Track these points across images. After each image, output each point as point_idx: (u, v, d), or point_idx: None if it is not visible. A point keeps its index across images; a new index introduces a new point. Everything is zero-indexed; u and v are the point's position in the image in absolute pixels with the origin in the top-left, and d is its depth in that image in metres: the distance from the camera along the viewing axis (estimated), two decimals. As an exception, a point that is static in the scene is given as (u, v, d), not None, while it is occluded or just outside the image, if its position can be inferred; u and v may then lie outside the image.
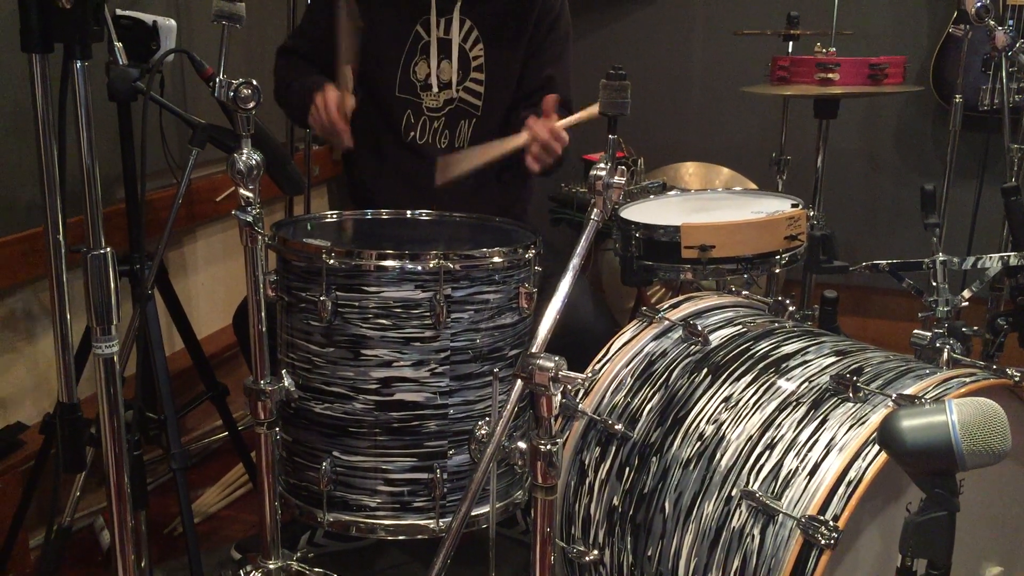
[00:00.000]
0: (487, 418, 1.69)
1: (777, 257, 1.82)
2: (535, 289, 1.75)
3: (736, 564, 1.41)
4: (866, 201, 3.65)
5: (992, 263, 1.92)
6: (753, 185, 3.14)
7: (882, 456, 1.33)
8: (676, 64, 3.79)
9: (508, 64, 2.16)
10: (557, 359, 1.19)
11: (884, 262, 1.95)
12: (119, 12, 1.87)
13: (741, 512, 1.43)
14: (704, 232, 1.76)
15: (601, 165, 1.36)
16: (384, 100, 2.17)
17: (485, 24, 2.13)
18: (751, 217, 1.85)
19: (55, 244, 1.16)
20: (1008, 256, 1.94)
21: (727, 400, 1.56)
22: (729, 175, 3.32)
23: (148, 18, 1.88)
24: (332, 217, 2.03)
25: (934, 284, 1.85)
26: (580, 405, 1.67)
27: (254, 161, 1.51)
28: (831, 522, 1.31)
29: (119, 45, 1.72)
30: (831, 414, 1.46)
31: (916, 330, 1.81)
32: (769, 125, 3.11)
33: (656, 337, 1.74)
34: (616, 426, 1.62)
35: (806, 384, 1.53)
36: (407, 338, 1.65)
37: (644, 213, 1.94)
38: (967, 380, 1.47)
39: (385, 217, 2.02)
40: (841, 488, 1.34)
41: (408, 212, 2.01)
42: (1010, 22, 3.03)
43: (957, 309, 1.84)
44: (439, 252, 1.62)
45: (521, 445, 1.26)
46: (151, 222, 2.29)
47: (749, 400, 1.54)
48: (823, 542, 1.31)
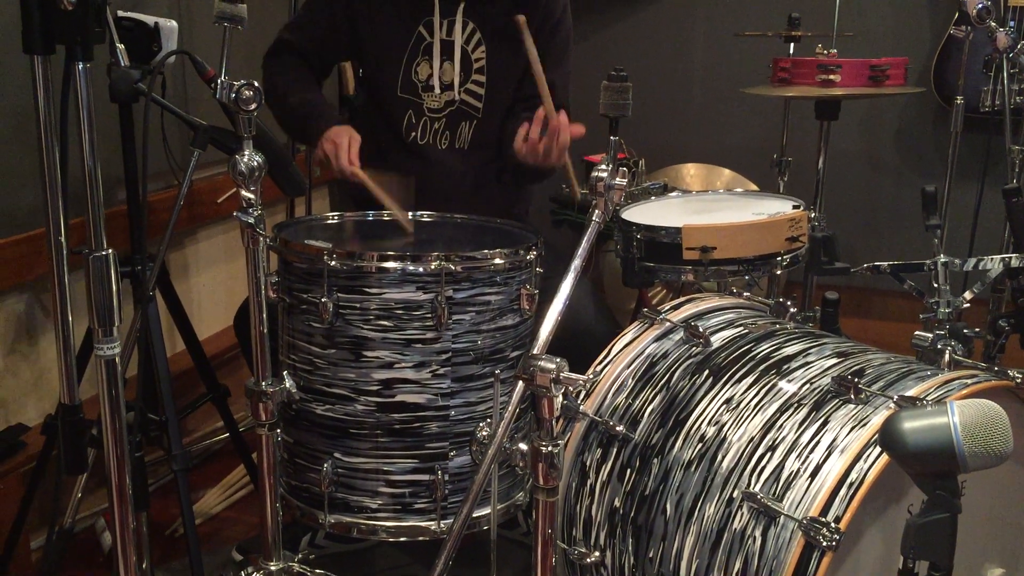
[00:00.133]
0: (488, 419, 1.69)
1: (778, 258, 1.82)
2: (536, 290, 1.75)
3: (737, 566, 1.41)
4: (867, 202, 3.65)
5: (993, 264, 1.92)
6: (754, 186, 3.14)
7: (884, 458, 1.33)
8: (677, 66, 3.79)
9: (510, 66, 2.16)
10: (558, 361, 1.19)
11: (885, 263, 1.95)
12: (121, 13, 1.87)
13: (742, 514, 1.43)
14: (705, 233, 1.76)
15: (602, 166, 1.36)
16: (385, 100, 2.17)
17: (488, 26, 2.13)
18: (752, 218, 1.85)
19: (57, 245, 1.16)
20: (1009, 257, 1.94)
21: (728, 402, 1.56)
22: (730, 176, 3.32)
23: (150, 19, 1.88)
24: (333, 219, 2.03)
25: (935, 285, 1.85)
26: (581, 407, 1.67)
27: (256, 162, 1.51)
28: (833, 524, 1.31)
29: (121, 46, 1.72)
30: (832, 416, 1.46)
31: (917, 331, 1.81)
32: (770, 126, 3.11)
33: (657, 339, 1.74)
34: (617, 428, 1.62)
35: (807, 386, 1.53)
36: (408, 339, 1.65)
37: (645, 214, 1.94)
38: (969, 382, 1.47)
39: (386, 219, 2.02)
40: (843, 490, 1.34)
41: (409, 214, 2.01)
42: (1011, 23, 3.03)
43: (958, 311, 1.84)
44: (440, 254, 1.62)
45: (522, 446, 1.26)
46: (152, 223, 2.29)
47: (750, 402, 1.54)
48: (825, 544, 1.30)
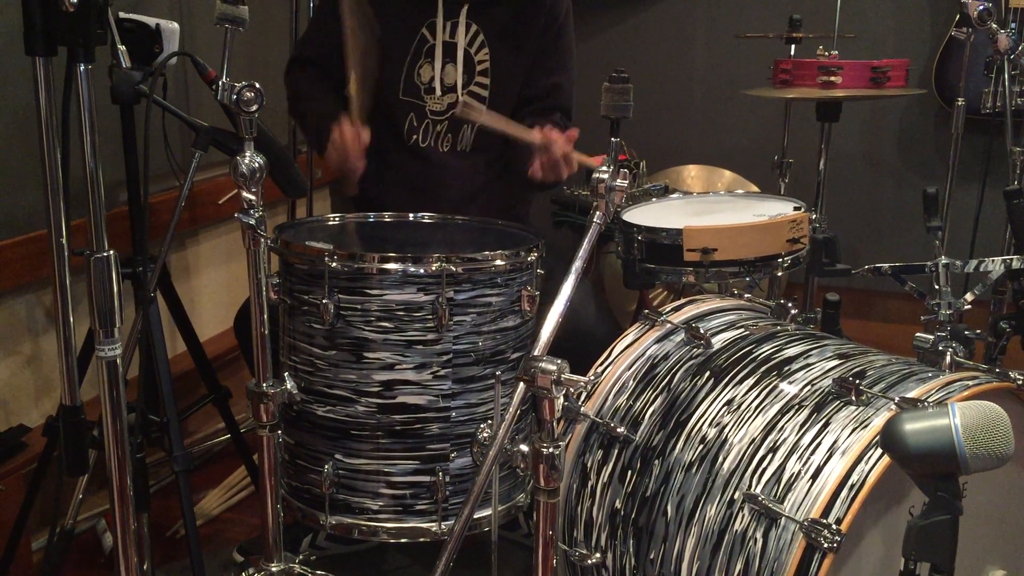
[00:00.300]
0: (489, 421, 1.69)
1: (779, 260, 1.82)
2: (537, 292, 1.75)
3: (738, 567, 1.41)
4: (868, 204, 3.64)
5: (995, 266, 1.92)
6: (755, 188, 3.14)
7: (885, 459, 1.33)
8: (678, 67, 3.79)
9: (513, 69, 2.16)
10: (559, 362, 1.19)
11: (886, 265, 1.94)
12: (122, 15, 1.87)
13: (743, 515, 1.42)
14: (706, 235, 1.76)
15: (603, 168, 1.36)
16: (387, 103, 2.17)
17: (491, 29, 2.13)
18: (753, 220, 1.85)
19: (58, 247, 1.16)
20: (1011, 259, 1.93)
21: (729, 403, 1.56)
22: (731, 178, 3.32)
23: (151, 21, 1.88)
24: (335, 220, 2.03)
25: (936, 287, 1.85)
26: (582, 408, 1.67)
27: (257, 164, 1.51)
28: (834, 525, 1.31)
29: (122, 48, 1.72)
30: (834, 417, 1.46)
31: (918, 333, 1.81)
32: (771, 128, 3.11)
33: (658, 340, 1.74)
34: (618, 429, 1.62)
35: (808, 387, 1.53)
36: (409, 341, 1.65)
37: (646, 216, 1.94)
38: (970, 383, 1.47)
39: (387, 220, 2.02)
40: (844, 491, 1.34)
41: (410, 215, 2.02)
42: (1012, 25, 3.03)
43: (959, 312, 1.84)
44: (441, 255, 1.62)
45: (523, 448, 1.26)
46: (154, 225, 2.29)
47: (751, 403, 1.54)
48: (826, 545, 1.30)
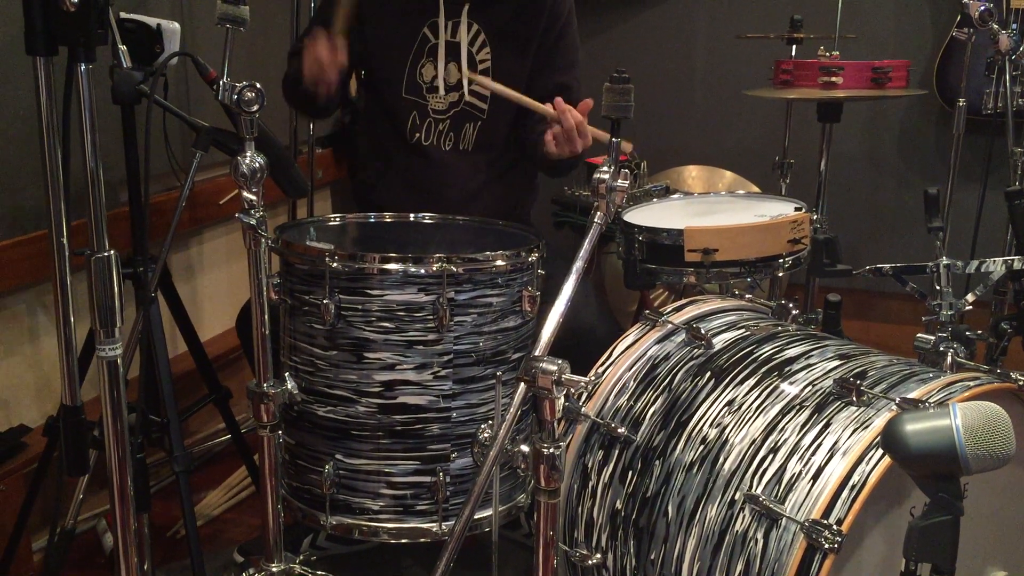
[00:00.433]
0: (490, 421, 1.69)
1: (780, 260, 1.82)
2: (538, 292, 1.75)
3: (739, 568, 1.41)
4: (869, 205, 3.64)
5: (996, 267, 1.92)
6: (756, 188, 3.14)
7: (886, 460, 1.33)
8: (679, 67, 3.79)
9: (515, 68, 2.16)
10: (560, 363, 1.19)
11: (887, 266, 1.94)
12: (123, 15, 1.87)
13: (744, 516, 1.42)
14: (707, 235, 1.76)
15: (604, 168, 1.36)
16: (390, 101, 2.18)
17: (492, 28, 2.13)
18: (754, 220, 1.85)
19: (59, 247, 1.16)
20: (1012, 260, 1.93)
21: (730, 404, 1.56)
22: (732, 178, 3.32)
23: (152, 21, 1.88)
24: (335, 220, 2.03)
25: (937, 288, 1.84)
26: (583, 408, 1.66)
27: (257, 164, 1.51)
28: (835, 526, 1.31)
29: (123, 48, 1.72)
30: (834, 418, 1.45)
31: (919, 334, 1.81)
32: (772, 129, 3.11)
33: (659, 340, 1.74)
34: (619, 429, 1.62)
35: (809, 388, 1.53)
36: (410, 341, 1.65)
37: (647, 216, 1.94)
38: (971, 384, 1.46)
39: (388, 220, 2.02)
40: (845, 492, 1.34)
41: (411, 215, 2.02)
42: (1013, 26, 3.02)
43: (961, 313, 1.84)
44: (442, 255, 1.62)
45: (524, 448, 1.26)
46: (155, 225, 2.29)
47: (752, 404, 1.54)
48: (827, 546, 1.30)
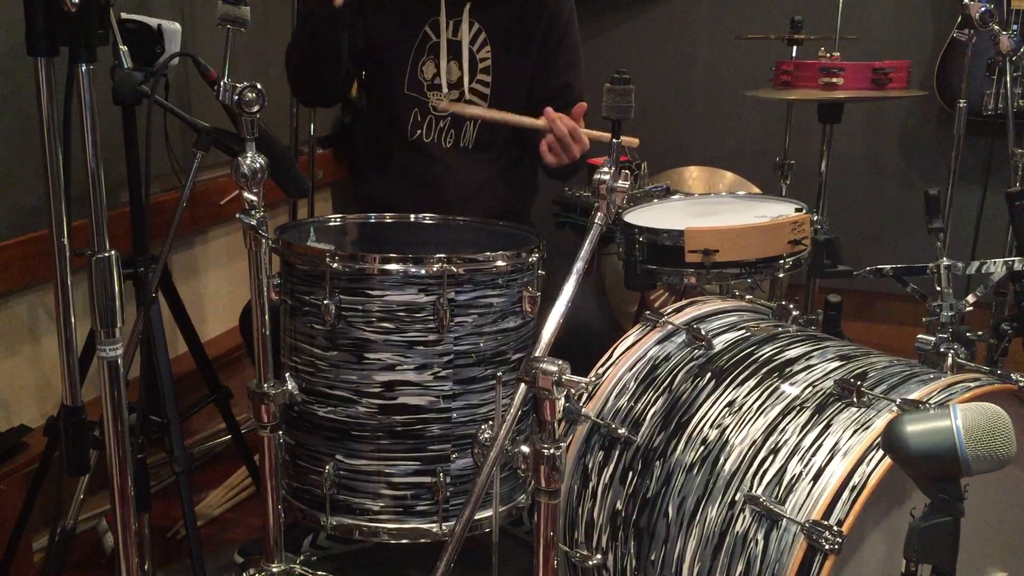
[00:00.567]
0: (490, 422, 1.69)
1: (781, 261, 1.82)
2: (538, 293, 1.75)
3: (740, 569, 1.40)
4: (870, 205, 3.64)
5: (996, 268, 1.92)
6: (757, 189, 3.13)
7: (886, 461, 1.33)
8: (680, 68, 3.79)
9: (515, 67, 2.17)
10: (561, 363, 1.19)
11: (888, 266, 1.94)
12: (124, 16, 1.87)
13: (745, 517, 1.42)
14: (708, 236, 1.76)
15: (605, 169, 1.36)
16: (391, 99, 2.18)
17: (494, 28, 2.14)
18: (755, 221, 1.85)
19: (60, 247, 1.16)
20: (1012, 261, 1.93)
21: (731, 404, 1.56)
22: (733, 179, 3.32)
23: (153, 22, 1.88)
24: (336, 221, 2.03)
25: (938, 289, 1.84)
26: (583, 409, 1.67)
27: (258, 164, 1.51)
28: (835, 527, 1.31)
29: (124, 49, 1.72)
30: (835, 419, 1.45)
31: (920, 335, 1.81)
32: (773, 129, 3.11)
33: (660, 341, 1.74)
34: (619, 430, 1.62)
35: (810, 389, 1.53)
36: (410, 342, 1.65)
37: (648, 217, 1.95)
38: (971, 385, 1.46)
39: (389, 221, 2.02)
40: (845, 493, 1.34)
41: (412, 216, 2.02)
42: (1014, 27, 3.02)
43: (961, 314, 1.84)
44: (442, 256, 1.62)
45: (524, 449, 1.26)
46: (155, 225, 2.29)
47: (753, 404, 1.54)
48: (827, 547, 1.30)
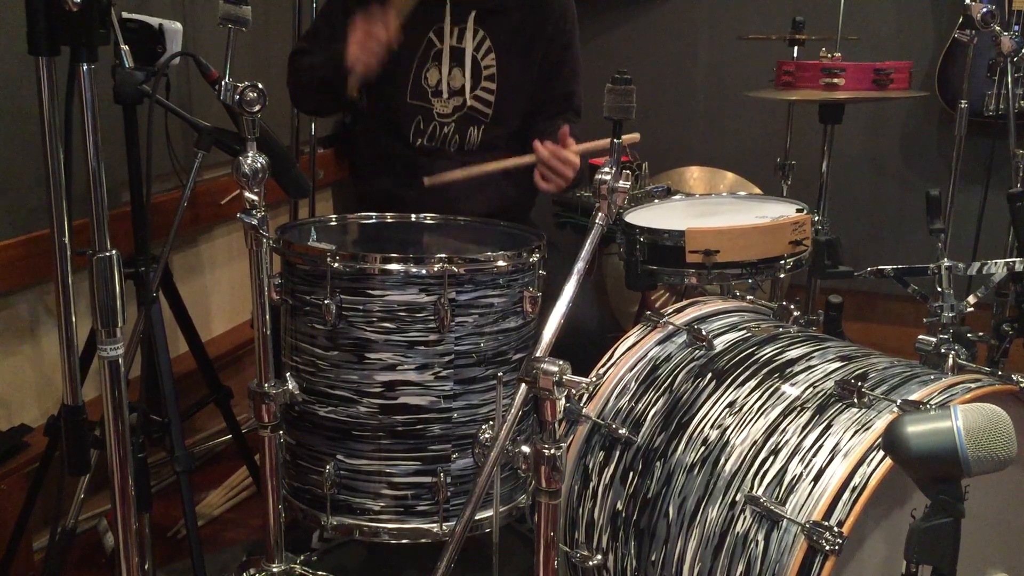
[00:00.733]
0: (491, 422, 1.69)
1: (782, 262, 1.82)
2: (539, 293, 1.75)
3: (740, 569, 1.40)
4: (871, 206, 3.64)
5: (997, 269, 1.92)
6: (758, 190, 3.13)
7: (887, 462, 1.33)
8: (681, 68, 3.79)
9: (519, 74, 2.18)
10: (561, 364, 1.19)
11: (889, 267, 1.94)
12: (125, 15, 1.87)
13: (745, 517, 1.42)
14: (708, 237, 1.76)
15: (606, 169, 1.36)
16: (393, 106, 2.18)
17: (498, 35, 2.14)
18: (756, 222, 1.85)
19: (61, 247, 1.16)
20: (1013, 262, 1.93)
21: (731, 405, 1.56)
22: (734, 180, 3.32)
23: (154, 21, 1.88)
24: (337, 220, 2.03)
25: (939, 289, 1.85)
26: (584, 409, 1.67)
27: (259, 164, 1.51)
28: (835, 528, 1.31)
29: (125, 48, 1.72)
30: (835, 419, 1.45)
31: (921, 335, 1.81)
32: (774, 130, 3.11)
33: (660, 342, 1.74)
34: (620, 430, 1.62)
35: (810, 389, 1.53)
36: (411, 342, 1.65)
37: (648, 217, 1.95)
38: (972, 386, 1.46)
39: (390, 221, 2.02)
40: (846, 494, 1.34)
41: (413, 216, 2.02)
42: (1015, 27, 3.02)
43: (962, 315, 1.84)
44: (443, 256, 1.62)
45: (525, 449, 1.26)
46: (156, 225, 2.30)
47: (753, 405, 1.54)
48: (827, 548, 1.30)
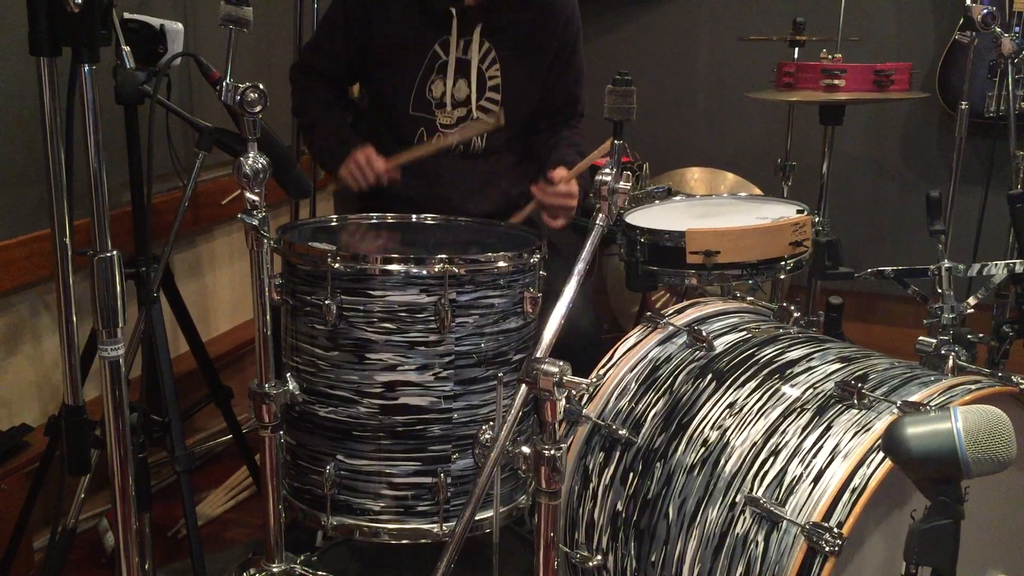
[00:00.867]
0: (491, 422, 1.69)
1: (782, 263, 1.82)
2: (540, 294, 1.75)
3: (740, 570, 1.40)
4: (871, 207, 3.64)
5: (997, 270, 1.92)
6: (758, 191, 3.14)
7: (887, 463, 1.33)
8: (682, 69, 3.79)
9: (524, 84, 2.19)
10: (562, 364, 1.19)
11: (889, 268, 1.94)
12: (127, 16, 1.87)
13: (745, 518, 1.42)
14: (709, 237, 1.76)
15: (606, 170, 1.36)
16: (396, 117, 2.18)
17: (504, 47, 2.14)
18: (756, 223, 1.85)
19: (61, 246, 1.16)
20: (1014, 263, 1.93)
21: (731, 406, 1.56)
22: (734, 180, 3.32)
23: (155, 22, 1.88)
24: (338, 221, 2.03)
25: (939, 291, 1.85)
26: (584, 410, 1.67)
27: (260, 165, 1.52)
28: (835, 529, 1.31)
29: (126, 49, 1.73)
30: (835, 421, 1.45)
31: (921, 337, 1.81)
32: (774, 131, 3.11)
33: (661, 342, 1.74)
34: (620, 431, 1.62)
35: (811, 390, 1.53)
36: (412, 342, 1.65)
37: (649, 218, 1.95)
38: (972, 387, 1.46)
39: (390, 221, 2.02)
40: (845, 495, 1.34)
41: (413, 216, 2.02)
42: (1016, 29, 3.02)
43: (962, 316, 1.84)
44: (444, 256, 1.62)
45: (525, 450, 1.26)
46: (157, 225, 2.30)
47: (753, 406, 1.54)
48: (827, 549, 1.30)
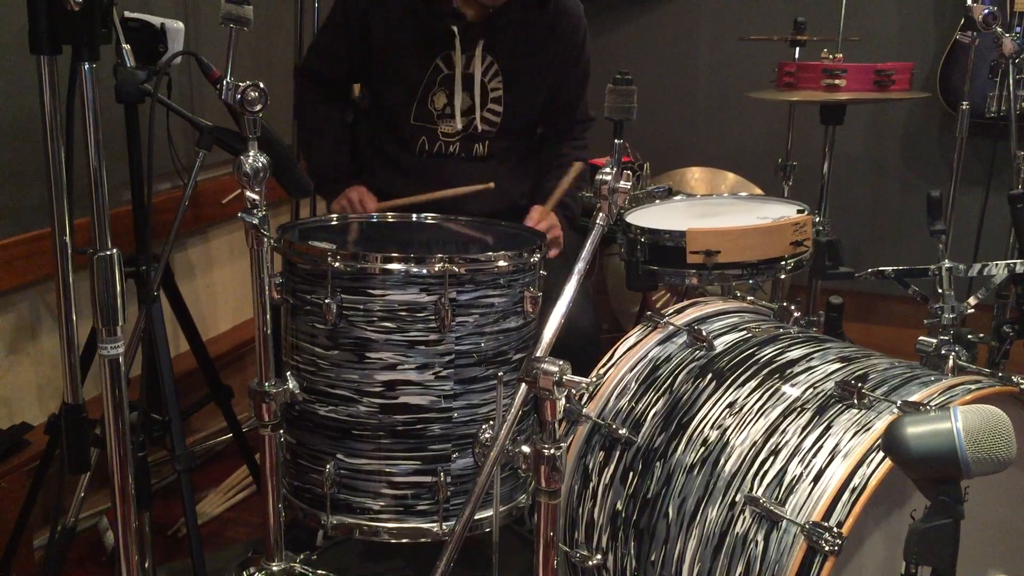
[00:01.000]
0: (491, 422, 1.69)
1: (783, 263, 1.82)
2: (540, 293, 1.75)
3: (740, 570, 1.41)
4: (872, 207, 3.64)
5: (998, 270, 1.92)
6: (759, 190, 3.14)
7: (886, 463, 1.33)
8: (682, 69, 3.79)
9: (527, 98, 2.20)
10: (562, 364, 1.19)
11: (890, 268, 1.94)
12: (127, 14, 1.87)
13: (745, 518, 1.42)
14: (709, 237, 1.76)
15: (607, 170, 1.36)
16: (397, 126, 2.19)
17: (507, 61, 2.15)
18: (757, 222, 1.85)
19: (62, 245, 1.16)
20: (1014, 263, 1.93)
21: (731, 405, 1.56)
22: (735, 180, 3.32)
23: (156, 20, 1.88)
24: (337, 220, 2.03)
25: (940, 291, 1.85)
26: (584, 409, 1.67)
27: (260, 163, 1.51)
28: (835, 528, 1.31)
29: (127, 47, 1.73)
30: (835, 420, 1.45)
31: (921, 337, 1.81)
32: (775, 130, 3.11)
33: (661, 342, 1.74)
34: (620, 431, 1.62)
35: (811, 390, 1.53)
36: (412, 341, 1.65)
37: (649, 218, 1.95)
38: (972, 387, 1.46)
39: (391, 220, 2.02)
40: (845, 494, 1.34)
41: (413, 215, 2.02)
42: (1017, 29, 3.02)
43: (963, 316, 1.84)
44: (444, 255, 1.62)
45: (525, 449, 1.26)
46: (157, 224, 2.30)
47: (753, 406, 1.54)
48: (827, 548, 1.30)
